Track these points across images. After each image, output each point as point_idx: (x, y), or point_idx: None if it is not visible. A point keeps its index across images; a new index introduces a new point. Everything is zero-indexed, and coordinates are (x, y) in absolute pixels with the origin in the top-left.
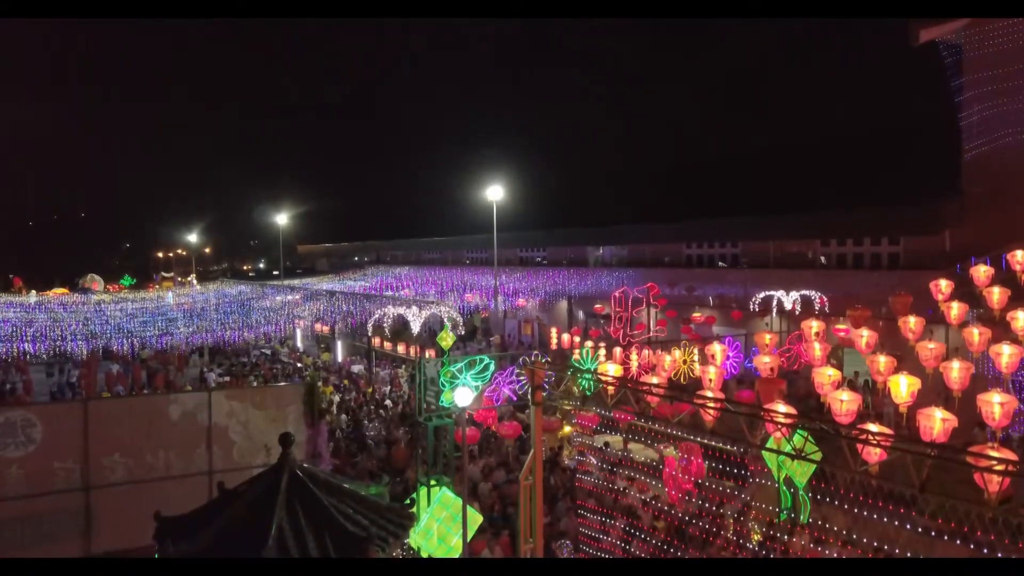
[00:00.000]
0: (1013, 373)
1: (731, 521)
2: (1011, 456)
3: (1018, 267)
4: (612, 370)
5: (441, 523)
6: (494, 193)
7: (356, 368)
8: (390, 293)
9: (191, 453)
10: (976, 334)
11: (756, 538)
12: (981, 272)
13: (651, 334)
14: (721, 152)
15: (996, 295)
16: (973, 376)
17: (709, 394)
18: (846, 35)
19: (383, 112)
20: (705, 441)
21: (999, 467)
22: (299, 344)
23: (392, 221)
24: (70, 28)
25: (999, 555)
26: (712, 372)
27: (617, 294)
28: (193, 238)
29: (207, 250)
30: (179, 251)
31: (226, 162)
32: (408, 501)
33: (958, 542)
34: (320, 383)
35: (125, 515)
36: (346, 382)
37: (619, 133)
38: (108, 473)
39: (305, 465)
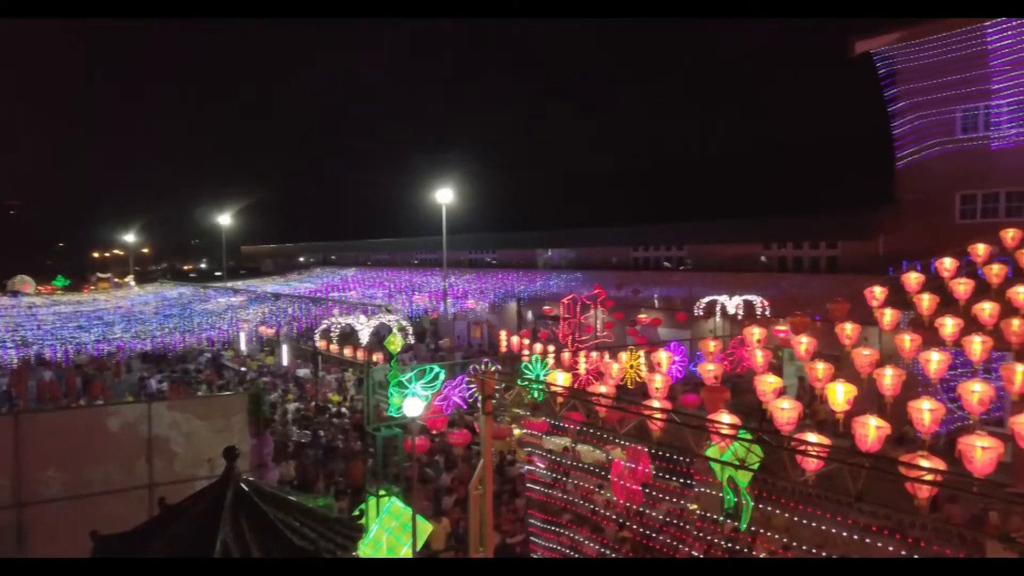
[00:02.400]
0: (941, 378)
1: (693, 536)
2: (940, 465)
3: (946, 274)
4: (561, 378)
5: (390, 533)
6: (444, 195)
7: (302, 372)
8: (336, 295)
9: (131, 466)
10: (907, 340)
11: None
12: (912, 279)
13: (598, 339)
14: (667, 157)
15: (926, 301)
16: (904, 381)
17: (656, 403)
18: (788, 46)
19: (333, 113)
20: (653, 450)
21: (928, 476)
22: (243, 348)
23: (339, 222)
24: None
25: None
26: (658, 380)
27: (566, 300)
28: (131, 237)
29: (145, 250)
30: (116, 251)
31: (167, 159)
32: (356, 512)
33: (891, 548)
34: (280, 393)
35: (62, 532)
36: (292, 387)
37: (568, 137)
38: (43, 489)
39: (250, 478)
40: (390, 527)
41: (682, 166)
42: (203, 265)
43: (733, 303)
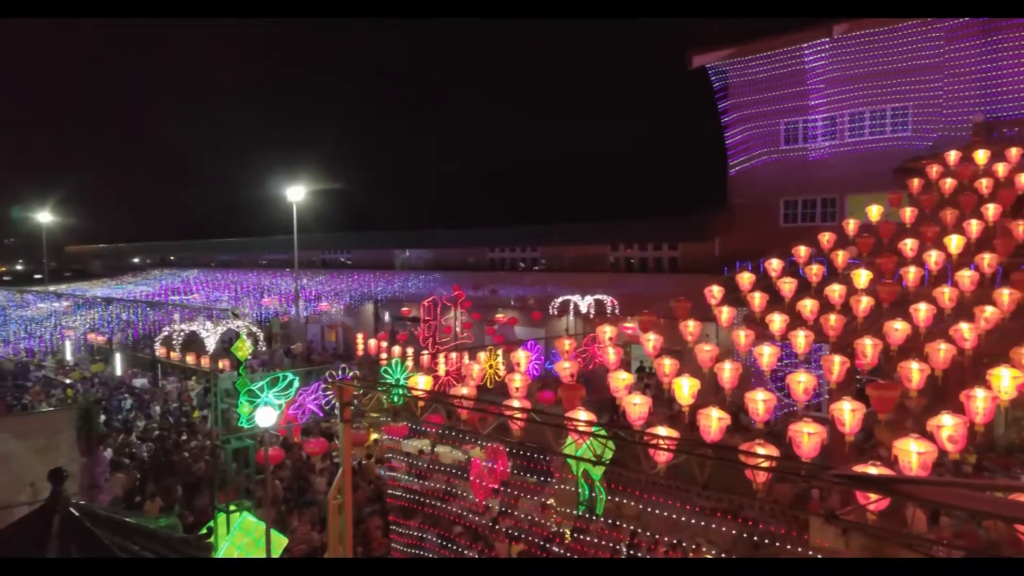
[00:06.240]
0: (772, 370)
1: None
2: (774, 451)
3: (773, 274)
4: (422, 381)
5: (242, 550)
6: (295, 193)
7: (139, 382)
8: (177, 298)
9: None
10: (743, 335)
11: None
12: (745, 278)
13: (459, 340)
14: (519, 162)
15: (757, 299)
16: (741, 375)
17: (516, 403)
18: (632, 58)
19: (171, 105)
20: (511, 446)
21: (764, 463)
22: (69, 358)
23: (179, 220)
24: None
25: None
26: (518, 380)
27: (427, 302)
28: None
29: None
30: None
31: None
32: (204, 531)
33: (734, 532)
34: (135, 412)
35: None
36: (129, 398)
37: (423, 138)
38: None
39: (81, 502)
40: (242, 544)
41: (534, 170)
42: (19, 267)
43: (585, 302)
